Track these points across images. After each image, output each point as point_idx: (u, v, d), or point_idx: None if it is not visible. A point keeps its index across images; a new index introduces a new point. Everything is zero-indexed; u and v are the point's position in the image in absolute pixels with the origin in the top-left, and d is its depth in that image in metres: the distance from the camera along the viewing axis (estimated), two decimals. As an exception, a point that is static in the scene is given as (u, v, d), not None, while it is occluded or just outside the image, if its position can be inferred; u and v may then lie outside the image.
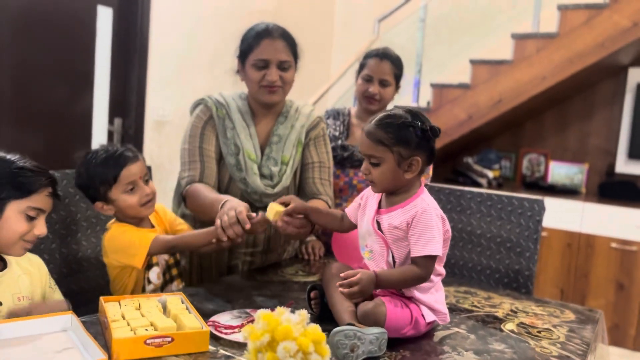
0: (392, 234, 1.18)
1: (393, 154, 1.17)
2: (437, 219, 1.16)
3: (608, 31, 3.16)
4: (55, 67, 3.03)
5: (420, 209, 1.16)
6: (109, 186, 1.38)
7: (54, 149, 3.05)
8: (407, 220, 1.16)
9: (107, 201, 1.40)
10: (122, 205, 1.39)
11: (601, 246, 3.36)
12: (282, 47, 1.60)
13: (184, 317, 1.10)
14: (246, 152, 1.64)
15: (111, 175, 1.37)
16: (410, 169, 1.18)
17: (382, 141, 1.17)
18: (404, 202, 1.20)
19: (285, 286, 1.52)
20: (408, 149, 1.16)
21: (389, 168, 1.17)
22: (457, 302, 1.47)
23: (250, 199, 1.63)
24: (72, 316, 1.09)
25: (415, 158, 1.17)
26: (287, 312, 0.83)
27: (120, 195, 1.39)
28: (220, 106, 1.68)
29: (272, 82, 1.60)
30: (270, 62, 1.59)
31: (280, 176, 1.66)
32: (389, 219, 1.19)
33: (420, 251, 1.14)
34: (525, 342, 1.22)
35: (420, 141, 1.17)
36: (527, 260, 1.73)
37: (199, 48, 3.69)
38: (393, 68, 1.98)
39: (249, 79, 1.64)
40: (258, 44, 1.59)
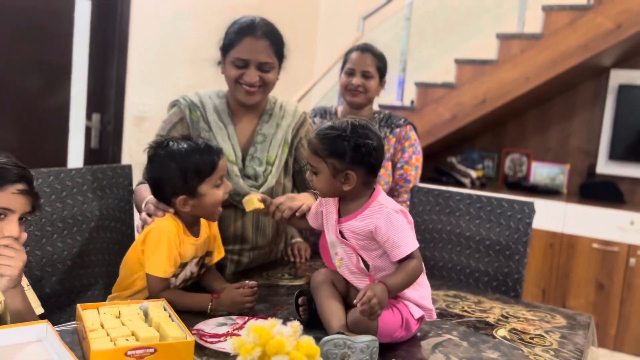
0: (357, 240, 1.16)
1: (327, 165, 1.15)
2: (399, 218, 1.14)
3: (592, 33, 3.17)
4: (30, 61, 2.93)
5: (380, 216, 1.13)
6: (202, 178, 1.28)
7: (28, 145, 2.95)
8: (370, 227, 1.14)
9: (194, 195, 1.28)
10: (209, 201, 1.29)
11: (583, 246, 3.39)
12: (265, 48, 1.53)
13: (167, 326, 1.04)
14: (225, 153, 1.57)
15: (209, 166, 1.28)
16: (347, 182, 1.15)
17: (318, 152, 1.16)
18: (360, 209, 1.17)
19: (270, 290, 1.47)
20: (342, 162, 1.14)
21: (325, 178, 1.16)
22: (447, 306, 1.44)
23: (233, 202, 1.57)
24: (47, 325, 1.03)
25: (349, 172, 1.14)
26: (279, 324, 0.79)
27: (210, 190, 1.29)
28: (194, 108, 1.61)
29: (251, 84, 1.54)
30: (250, 63, 1.52)
31: (266, 176, 1.61)
32: (350, 227, 1.17)
33: (404, 251, 1.12)
34: (519, 349, 1.20)
35: (355, 156, 1.13)
36: (517, 263, 1.71)
37: (180, 42, 3.61)
38: (375, 60, 1.97)
39: (227, 75, 1.58)
40: (239, 41, 1.52)
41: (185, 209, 1.30)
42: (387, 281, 1.09)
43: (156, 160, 1.31)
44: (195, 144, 1.31)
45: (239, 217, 1.61)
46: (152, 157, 1.32)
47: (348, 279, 1.21)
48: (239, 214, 1.60)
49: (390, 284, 1.09)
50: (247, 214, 1.60)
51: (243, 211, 1.60)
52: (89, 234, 1.57)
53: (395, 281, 1.10)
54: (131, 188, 1.71)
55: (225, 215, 1.59)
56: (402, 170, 1.96)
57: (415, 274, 1.13)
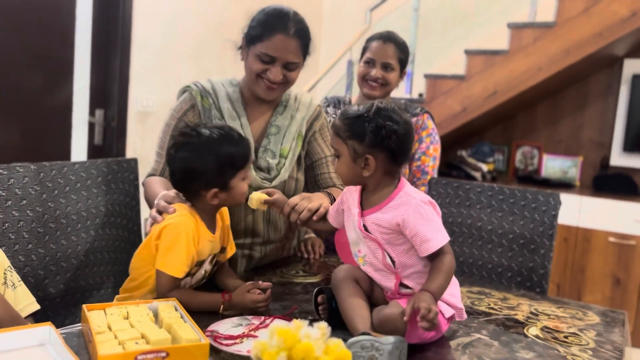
0: (382, 234, 1.08)
1: (348, 148, 1.08)
2: (428, 210, 1.06)
3: (607, 20, 3.08)
4: (32, 56, 2.86)
5: (407, 207, 1.06)
6: (236, 170, 1.21)
7: (31, 141, 2.89)
8: (396, 220, 1.06)
9: (225, 188, 1.21)
10: (237, 193, 1.23)
11: (598, 240, 3.30)
12: (294, 47, 1.44)
13: (179, 327, 0.97)
14: None
15: (243, 157, 1.22)
16: (367, 168, 1.08)
17: (339, 133, 1.09)
18: (385, 201, 1.09)
19: (286, 288, 1.40)
20: (361, 145, 1.07)
21: (345, 162, 1.09)
22: (472, 304, 1.36)
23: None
24: (51, 328, 0.95)
25: (369, 157, 1.07)
26: (305, 326, 0.71)
27: (239, 182, 1.23)
28: (206, 94, 1.54)
29: (274, 81, 1.46)
30: (277, 60, 1.44)
31: (279, 169, 1.53)
32: (374, 219, 1.09)
33: (435, 245, 1.04)
34: (554, 349, 1.12)
35: (375, 139, 1.06)
36: (542, 257, 1.63)
37: (184, 36, 3.53)
38: (397, 52, 1.85)
39: (248, 67, 1.49)
40: (269, 36, 1.42)
41: (214, 202, 1.22)
42: (429, 288, 1.01)
43: (190, 149, 1.20)
44: (228, 133, 1.23)
45: (250, 210, 1.53)
46: (184, 145, 1.21)
47: (374, 278, 1.13)
48: (249, 207, 1.53)
49: (433, 289, 1.01)
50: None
51: None
52: (94, 231, 1.50)
53: (436, 285, 1.02)
54: (137, 183, 1.64)
55: (235, 208, 1.52)
56: (419, 161, 1.88)
57: (451, 271, 1.05)
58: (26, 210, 1.32)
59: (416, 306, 0.97)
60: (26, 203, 1.32)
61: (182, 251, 1.17)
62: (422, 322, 0.96)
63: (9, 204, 1.29)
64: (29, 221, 1.33)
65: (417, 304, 0.97)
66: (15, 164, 1.31)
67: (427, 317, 0.96)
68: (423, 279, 1.07)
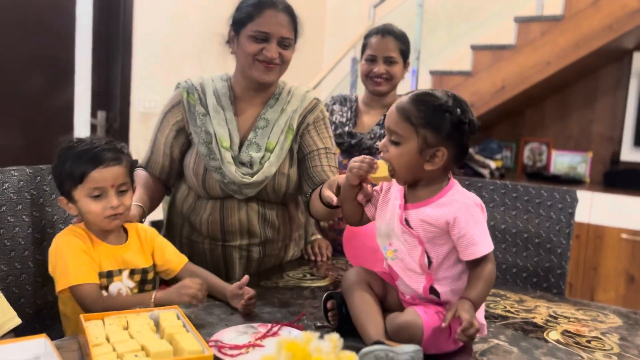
0: (426, 231, 1.01)
1: (418, 137, 1.00)
2: (479, 212, 1.01)
3: (616, 13, 3.02)
4: (32, 57, 2.83)
5: (461, 206, 1.00)
6: (73, 184, 1.17)
7: (32, 143, 2.85)
8: (446, 218, 0.99)
9: (71, 199, 1.19)
10: (84, 210, 1.18)
11: (611, 237, 3.23)
12: (286, 22, 1.43)
13: (181, 338, 0.92)
14: (219, 139, 1.46)
15: (78, 172, 1.16)
16: (432, 161, 1.01)
17: (411, 119, 1.00)
18: (435, 196, 1.03)
19: (293, 292, 1.34)
20: (436, 136, 1.00)
21: (408, 151, 1.01)
22: (487, 307, 1.30)
23: (228, 190, 1.46)
24: (46, 340, 0.91)
25: (441, 149, 1.00)
26: (315, 339, 0.66)
27: (83, 198, 1.17)
28: (192, 91, 1.53)
29: (271, 59, 1.43)
30: (272, 36, 1.42)
31: (262, 163, 1.46)
32: (420, 214, 1.02)
33: (481, 250, 0.98)
34: (577, 354, 1.06)
35: (453, 132, 1.00)
36: (559, 257, 1.57)
37: (186, 35, 3.48)
38: (398, 44, 1.81)
39: (242, 51, 1.45)
40: (260, 13, 1.41)
41: (70, 211, 1.21)
42: (469, 296, 0.95)
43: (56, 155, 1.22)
44: (89, 144, 1.19)
45: (242, 208, 1.49)
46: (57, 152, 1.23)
47: (399, 275, 1.05)
48: (242, 205, 1.49)
49: (474, 298, 0.95)
50: (250, 204, 1.49)
51: (245, 202, 1.49)
52: (94, 236, 1.45)
53: (476, 294, 0.96)
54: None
55: (226, 207, 1.48)
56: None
57: (492, 282, 0.99)
58: (22, 216, 1.27)
59: (458, 315, 0.91)
60: (22, 208, 1.27)
61: (72, 257, 1.14)
62: (462, 335, 0.91)
63: (4, 209, 1.24)
64: (25, 227, 1.28)
65: (459, 313, 0.91)
66: (10, 168, 1.27)
67: (468, 332, 0.90)
68: (455, 285, 1.01)
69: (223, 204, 1.49)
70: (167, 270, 1.29)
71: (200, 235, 1.53)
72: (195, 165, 1.50)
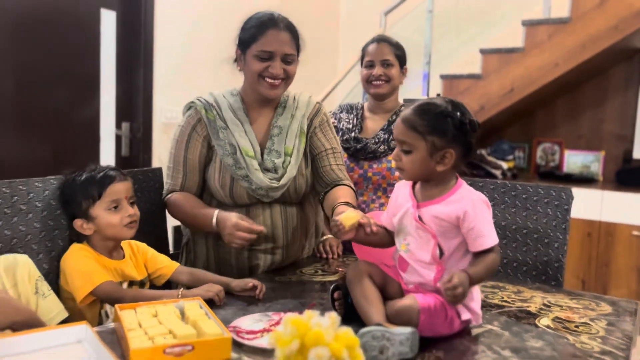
0: (438, 226, 1.13)
1: (426, 143, 1.12)
2: (485, 208, 1.13)
3: (622, 13, 3.08)
4: (60, 72, 2.99)
5: (469, 202, 1.11)
6: (92, 201, 1.33)
7: (61, 155, 3.01)
8: (457, 214, 1.11)
9: (88, 219, 1.34)
10: (103, 223, 1.33)
11: (622, 234, 3.28)
12: (288, 40, 1.54)
13: (204, 324, 1.04)
14: (243, 149, 1.57)
15: (96, 190, 1.33)
16: (443, 162, 1.12)
17: (417, 128, 1.12)
18: (445, 194, 1.14)
19: (305, 286, 1.46)
20: (443, 139, 1.11)
21: (420, 157, 1.12)
22: (485, 297, 1.40)
23: (256, 195, 1.58)
24: (87, 326, 1.04)
25: (449, 150, 1.12)
26: (316, 316, 0.77)
27: (102, 212, 1.33)
28: (209, 107, 1.62)
29: (276, 76, 1.54)
30: (275, 55, 1.53)
31: (285, 167, 1.59)
32: (433, 211, 1.14)
33: (488, 242, 1.10)
34: (564, 337, 1.15)
35: (457, 133, 1.11)
36: (556, 251, 1.66)
37: (203, 47, 3.64)
38: (393, 49, 1.97)
39: (249, 70, 1.57)
40: (263, 33, 1.52)
41: (86, 232, 1.35)
42: (469, 271, 1.07)
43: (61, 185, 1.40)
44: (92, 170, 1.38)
45: (266, 212, 1.60)
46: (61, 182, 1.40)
47: (411, 264, 1.16)
48: (266, 210, 1.60)
49: (472, 273, 1.07)
50: (273, 208, 1.60)
51: (269, 205, 1.60)
52: (123, 238, 1.58)
53: (475, 271, 1.08)
54: (162, 191, 1.72)
55: (252, 213, 1.59)
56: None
57: (494, 268, 1.11)
58: (47, 221, 1.39)
59: (452, 279, 1.03)
60: (47, 214, 1.39)
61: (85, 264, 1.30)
62: (448, 292, 1.02)
63: (30, 216, 1.35)
64: (50, 230, 1.40)
65: (453, 276, 1.03)
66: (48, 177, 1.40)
67: (455, 291, 1.02)
68: None
69: (249, 211, 1.59)
70: (160, 275, 1.45)
71: (227, 251, 1.61)
72: (220, 177, 1.59)
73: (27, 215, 1.35)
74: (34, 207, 1.36)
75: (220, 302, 1.26)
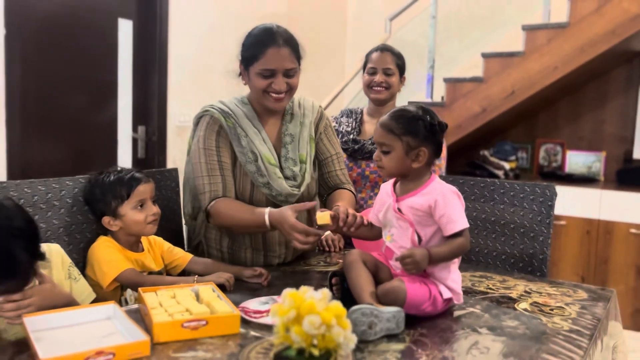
0: (415, 215, 1.28)
1: (402, 143, 1.27)
2: (455, 197, 1.28)
3: (618, 18, 3.17)
4: (80, 79, 3.17)
5: (439, 193, 1.27)
6: (120, 201, 1.48)
7: (81, 156, 3.19)
8: (429, 203, 1.26)
9: (116, 216, 1.49)
10: (130, 221, 1.48)
11: (620, 232, 3.38)
12: (288, 55, 1.57)
13: (216, 304, 1.19)
14: (265, 157, 1.63)
15: (125, 190, 1.48)
16: (417, 159, 1.28)
17: (393, 130, 1.28)
18: (420, 188, 1.30)
19: (307, 275, 1.60)
20: (416, 139, 1.27)
21: (397, 156, 1.28)
22: (472, 285, 1.53)
23: (275, 202, 1.63)
24: (115, 305, 1.19)
25: (422, 149, 1.27)
26: (310, 290, 0.91)
27: (130, 211, 1.48)
28: (227, 116, 1.65)
29: (279, 91, 1.59)
30: (277, 71, 1.57)
31: (303, 175, 1.68)
32: (410, 203, 1.29)
33: (457, 226, 1.25)
34: (538, 318, 1.29)
35: (428, 134, 1.27)
36: (541, 244, 1.78)
37: (215, 54, 3.80)
38: (394, 58, 2.11)
39: (253, 86, 1.62)
40: (264, 53, 1.55)
41: (112, 228, 1.50)
42: (430, 249, 1.23)
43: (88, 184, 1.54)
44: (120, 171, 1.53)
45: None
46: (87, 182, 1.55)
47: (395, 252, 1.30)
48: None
49: (433, 252, 1.23)
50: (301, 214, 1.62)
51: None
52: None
53: (438, 251, 1.24)
54: (178, 189, 1.87)
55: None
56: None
57: (460, 251, 1.27)
58: (77, 216, 1.55)
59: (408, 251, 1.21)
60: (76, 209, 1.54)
61: (109, 253, 1.46)
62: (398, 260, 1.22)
63: (62, 211, 1.51)
64: (79, 224, 1.55)
65: (411, 251, 1.21)
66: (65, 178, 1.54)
67: (405, 261, 1.21)
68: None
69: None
70: (176, 266, 1.62)
71: (242, 246, 1.69)
72: (241, 184, 1.64)
73: (59, 210, 1.51)
74: (65, 203, 1.53)
75: (230, 287, 1.41)
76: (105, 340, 1.07)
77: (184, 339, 1.09)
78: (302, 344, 0.88)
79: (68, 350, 0.98)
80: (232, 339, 1.11)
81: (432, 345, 1.13)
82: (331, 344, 0.88)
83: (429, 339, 1.15)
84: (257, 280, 1.48)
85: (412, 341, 1.14)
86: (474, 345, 1.13)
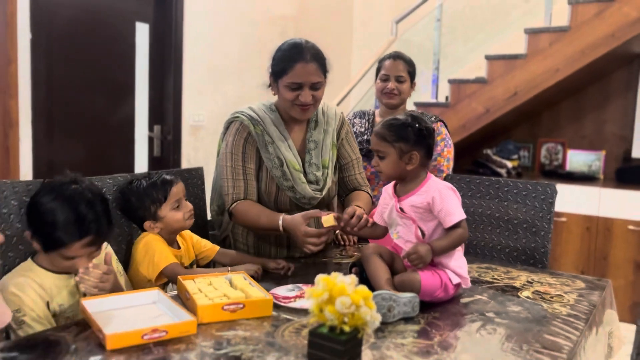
0: (416, 213, 1.41)
1: (395, 149, 1.41)
2: (451, 192, 1.41)
3: (618, 22, 3.28)
4: (100, 80, 3.30)
5: (435, 190, 1.40)
6: (159, 204, 1.60)
7: (100, 155, 3.32)
8: (428, 200, 1.39)
9: (157, 219, 1.61)
10: (171, 220, 1.61)
11: (619, 229, 3.51)
12: (315, 70, 1.67)
13: (249, 290, 1.32)
14: (290, 163, 1.73)
15: (162, 194, 1.61)
16: (411, 162, 1.42)
17: (386, 138, 1.42)
18: (417, 187, 1.44)
19: (327, 267, 1.74)
20: (407, 144, 1.41)
21: (392, 160, 1.42)
22: (479, 276, 1.66)
23: (299, 204, 1.76)
24: (159, 291, 1.33)
25: (414, 152, 1.41)
26: (340, 275, 1.04)
27: (169, 212, 1.61)
28: (256, 123, 1.75)
29: (306, 103, 1.69)
30: (304, 85, 1.66)
31: (325, 179, 1.81)
32: (410, 202, 1.42)
33: (455, 218, 1.38)
34: (539, 305, 1.42)
35: (417, 138, 1.41)
36: (542, 238, 1.92)
37: (228, 56, 3.93)
38: (406, 66, 2.23)
39: (282, 97, 1.72)
40: (292, 67, 1.65)
41: (154, 231, 1.61)
42: (432, 243, 1.37)
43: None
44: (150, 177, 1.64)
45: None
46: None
47: (403, 247, 1.44)
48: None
49: (435, 245, 1.36)
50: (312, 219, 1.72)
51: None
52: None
53: (439, 244, 1.37)
54: (204, 187, 2.00)
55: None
56: (435, 162, 2.20)
57: (459, 240, 1.40)
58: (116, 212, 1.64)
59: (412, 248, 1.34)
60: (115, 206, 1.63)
61: (159, 248, 1.57)
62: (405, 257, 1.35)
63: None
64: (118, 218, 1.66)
65: (416, 248, 1.34)
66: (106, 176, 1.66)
67: (410, 257, 1.34)
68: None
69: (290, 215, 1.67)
70: (205, 257, 1.76)
71: (267, 244, 1.82)
72: (267, 187, 1.76)
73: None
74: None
75: (259, 277, 1.54)
76: (156, 320, 1.20)
77: (224, 320, 1.23)
78: (334, 322, 1.01)
79: (124, 328, 1.12)
80: (267, 321, 1.25)
81: (445, 326, 1.26)
82: (359, 321, 1.01)
83: (441, 321, 1.29)
84: (280, 272, 1.61)
85: (427, 323, 1.27)
86: (482, 326, 1.26)
